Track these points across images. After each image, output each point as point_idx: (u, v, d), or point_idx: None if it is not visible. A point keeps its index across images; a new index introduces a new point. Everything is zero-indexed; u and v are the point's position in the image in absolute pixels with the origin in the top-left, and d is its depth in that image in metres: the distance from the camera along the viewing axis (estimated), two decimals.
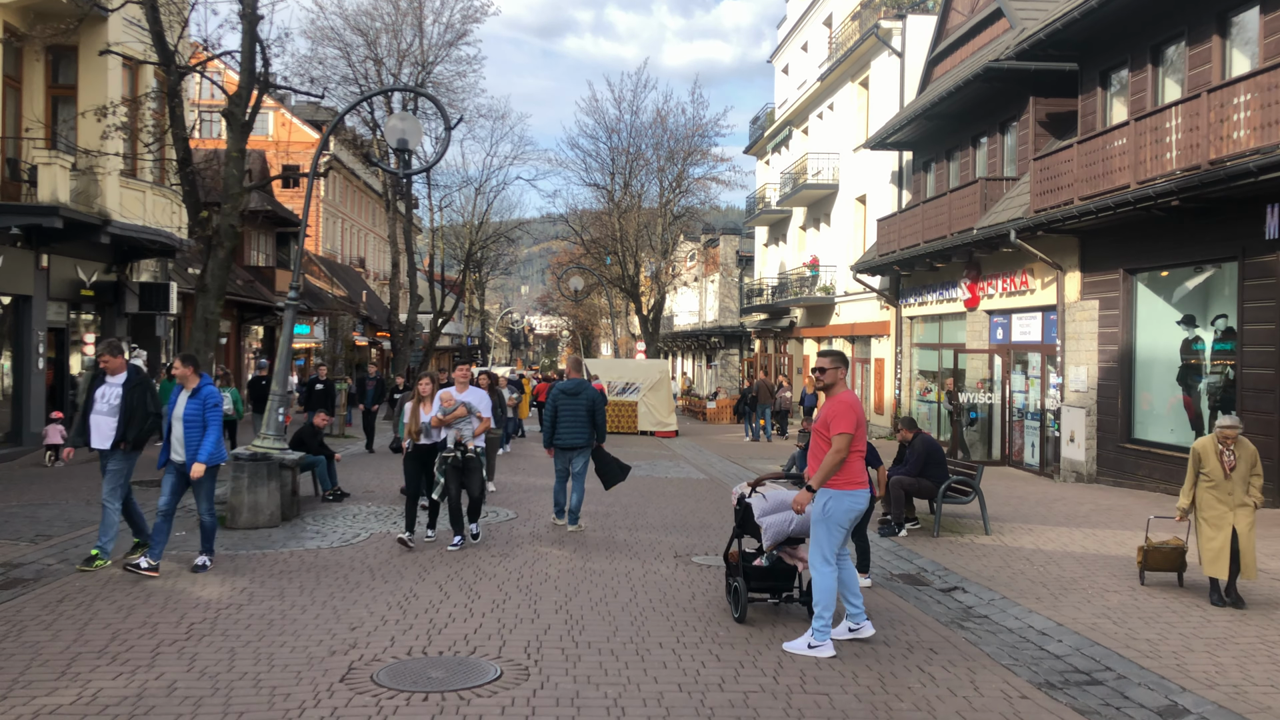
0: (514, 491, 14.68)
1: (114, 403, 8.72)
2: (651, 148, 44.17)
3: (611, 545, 10.44)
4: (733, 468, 19.42)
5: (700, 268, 52.15)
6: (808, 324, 34.04)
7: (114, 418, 8.68)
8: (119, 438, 8.66)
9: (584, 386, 11.70)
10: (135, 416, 8.68)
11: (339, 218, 61.08)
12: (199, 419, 8.67)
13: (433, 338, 38.43)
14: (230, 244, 15.06)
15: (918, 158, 25.01)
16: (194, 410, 8.66)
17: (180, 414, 8.69)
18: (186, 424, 8.64)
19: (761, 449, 24.17)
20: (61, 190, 16.96)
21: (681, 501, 14.16)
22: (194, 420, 8.65)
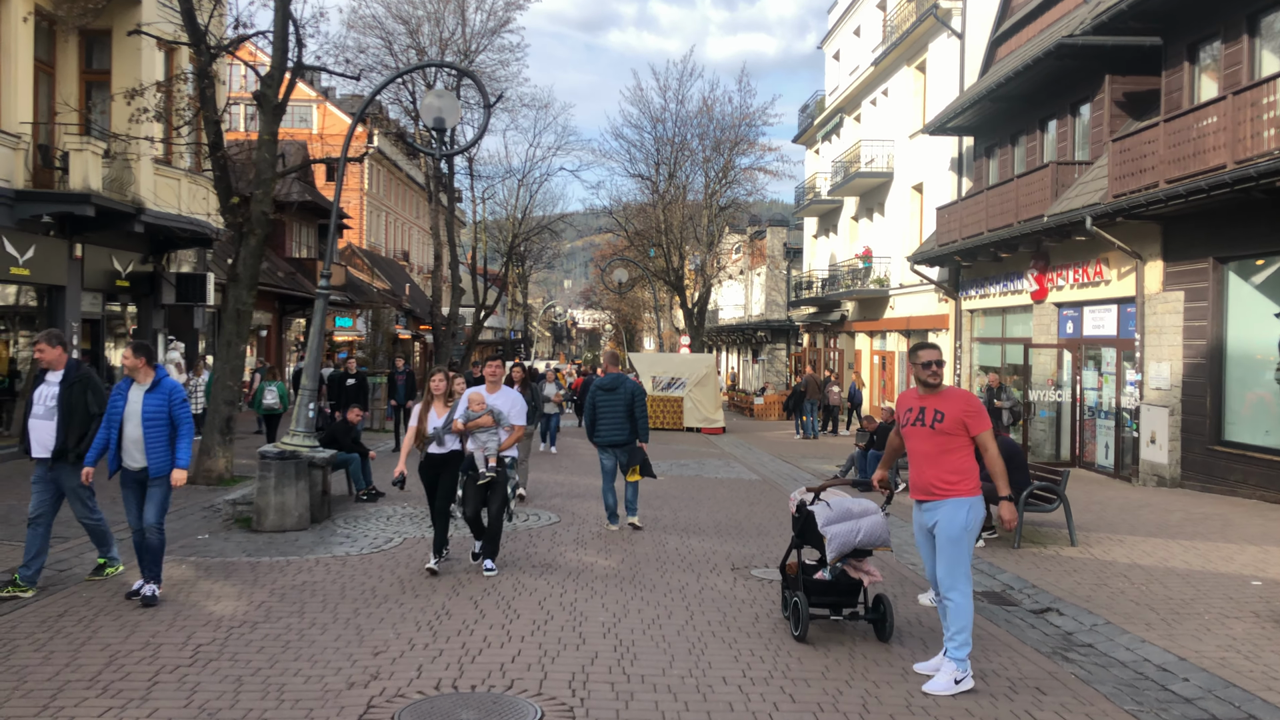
0: (555, 492, 13.90)
1: (50, 404, 7.54)
2: (697, 138, 43.22)
3: (662, 554, 9.61)
4: (785, 467, 18.50)
5: (746, 260, 51.09)
6: (860, 317, 32.93)
7: (51, 421, 7.50)
8: (59, 446, 7.50)
9: (622, 381, 11.07)
10: (75, 420, 7.50)
11: (383, 211, 60.89)
12: (163, 417, 7.36)
13: (475, 331, 37.84)
14: (262, 231, 14.43)
15: (979, 143, 23.84)
16: (156, 407, 7.35)
17: (135, 411, 7.34)
18: (146, 424, 7.31)
19: (814, 447, 23.20)
20: (93, 177, 16.47)
21: (734, 505, 13.29)
22: (156, 419, 7.34)
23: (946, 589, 5.95)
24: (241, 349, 14.57)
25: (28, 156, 16.20)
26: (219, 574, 8.30)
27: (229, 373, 14.33)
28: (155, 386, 7.42)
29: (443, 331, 33.93)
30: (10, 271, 15.94)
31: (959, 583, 5.93)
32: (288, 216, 32.85)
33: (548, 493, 13.78)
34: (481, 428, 8.50)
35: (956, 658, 5.87)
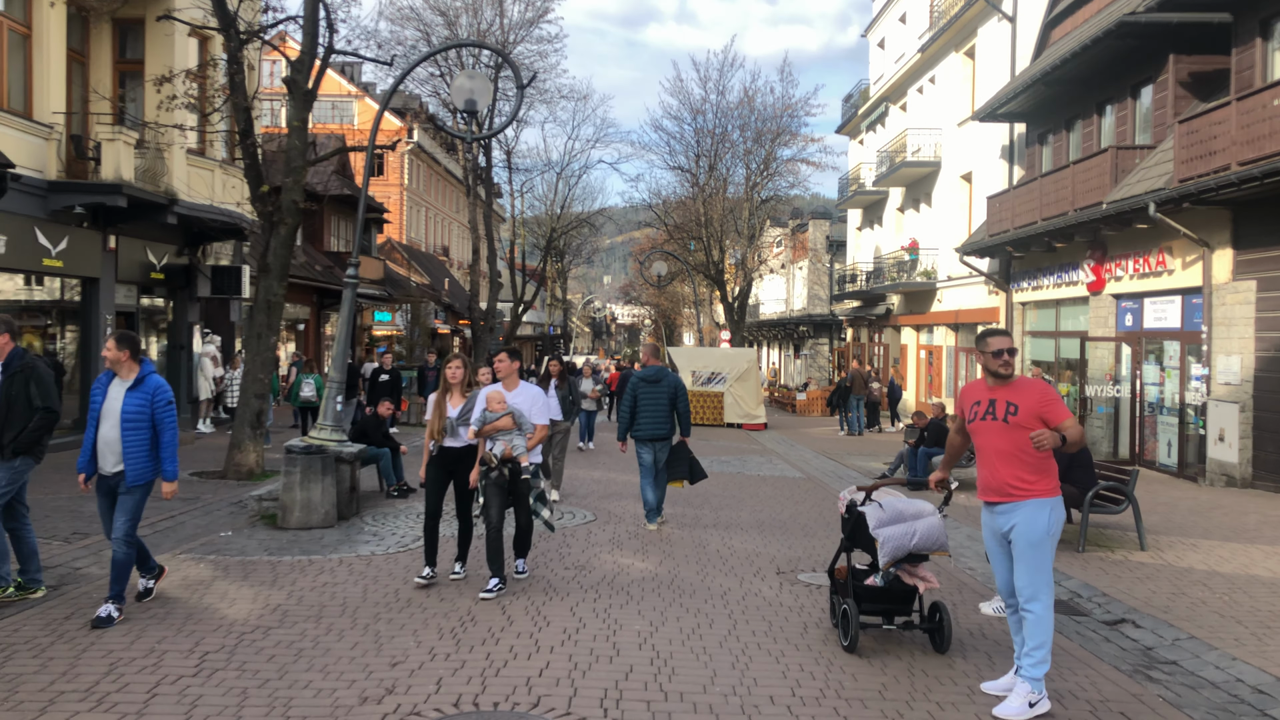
0: (591, 490, 13.42)
1: None
2: (738, 129, 42.54)
3: (703, 556, 9.08)
4: (829, 465, 17.87)
5: (788, 253, 50.32)
6: (906, 311, 32.11)
7: None
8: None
9: (665, 373, 10.64)
10: (14, 413, 6.75)
11: (422, 206, 60.95)
12: (145, 418, 6.51)
13: (513, 325, 37.53)
14: (293, 221, 14.09)
15: (1032, 129, 22.98)
16: (137, 407, 6.50)
17: (114, 410, 6.52)
18: (125, 424, 6.48)
19: (859, 444, 22.53)
20: (125, 167, 16.26)
21: (778, 504, 12.72)
22: (136, 421, 6.49)
23: (1026, 600, 5.37)
24: (272, 341, 14.25)
25: (60, 147, 16.03)
26: (237, 574, 7.91)
27: (259, 365, 14.02)
28: (138, 384, 6.57)
29: (481, 326, 33.65)
30: (43, 263, 15.78)
31: (1040, 593, 5.34)
32: (326, 210, 32.73)
33: (583, 490, 13.31)
34: (501, 431, 7.48)
35: (1032, 677, 5.29)
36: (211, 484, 12.91)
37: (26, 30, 15.45)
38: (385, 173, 57.29)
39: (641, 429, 10.44)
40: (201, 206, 18.49)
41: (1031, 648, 5.32)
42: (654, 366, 10.84)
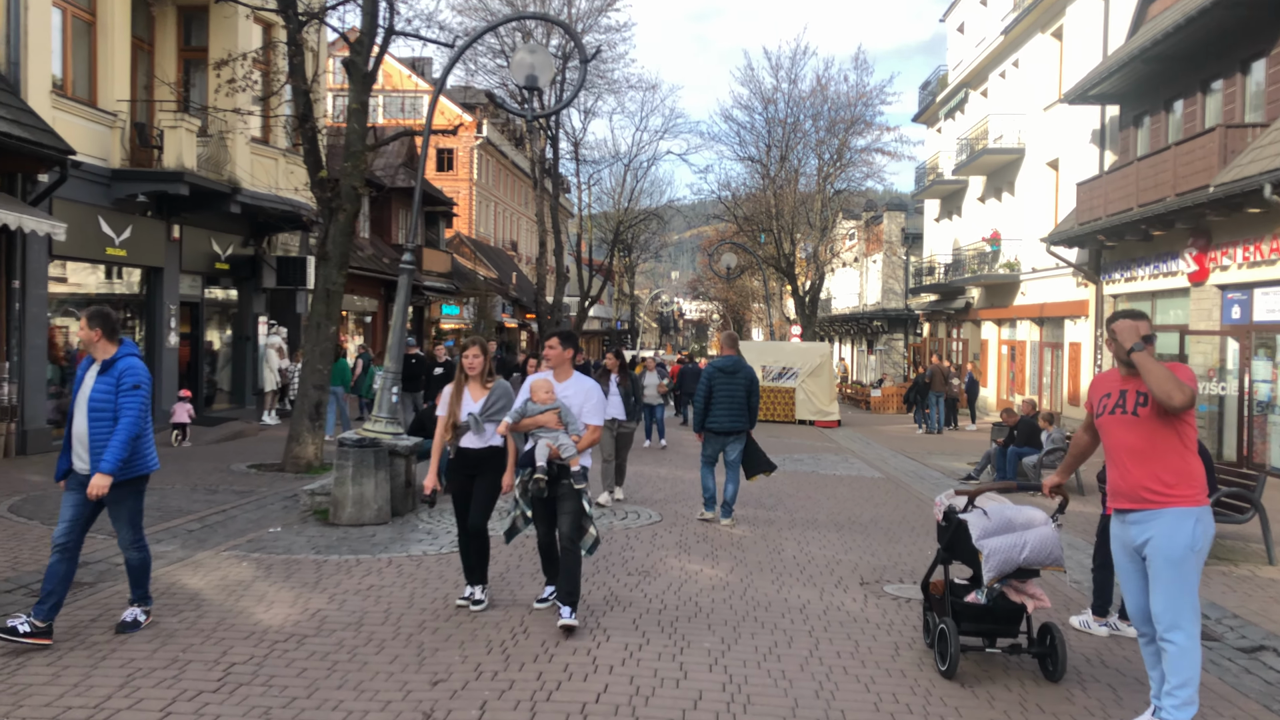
0: (658, 488, 12.76)
1: None
2: (810, 119, 41.49)
3: (778, 562, 8.36)
4: (909, 464, 16.95)
5: (861, 246, 49.06)
6: (986, 305, 30.84)
7: None
8: None
9: (741, 365, 10.19)
10: None
11: (491, 201, 60.99)
12: (109, 406, 5.61)
13: (579, 319, 37.10)
14: (352, 208, 13.68)
15: (1127, 111, 21.68)
16: (104, 392, 5.63)
17: (85, 398, 5.68)
18: (92, 414, 5.61)
19: (939, 443, 21.50)
20: (188, 155, 16.07)
21: (857, 505, 11.91)
22: (103, 409, 5.61)
23: (1166, 628, 4.56)
24: (331, 331, 13.87)
25: (124, 135, 15.89)
26: (279, 574, 7.42)
27: (318, 356, 13.65)
28: (108, 367, 5.69)
29: (547, 320, 33.26)
30: (106, 252, 15.67)
31: (1183, 619, 4.53)
32: (394, 202, 32.62)
33: (649, 488, 12.65)
34: (543, 428, 6.21)
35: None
36: (269, 477, 12.56)
37: (91, 18, 15.32)
38: (455, 167, 57.42)
39: (716, 420, 10.02)
40: (264, 195, 18.28)
41: (1174, 686, 4.51)
42: (730, 357, 10.28)
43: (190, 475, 12.75)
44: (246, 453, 15.31)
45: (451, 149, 57.44)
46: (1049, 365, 26.19)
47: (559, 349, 6.64)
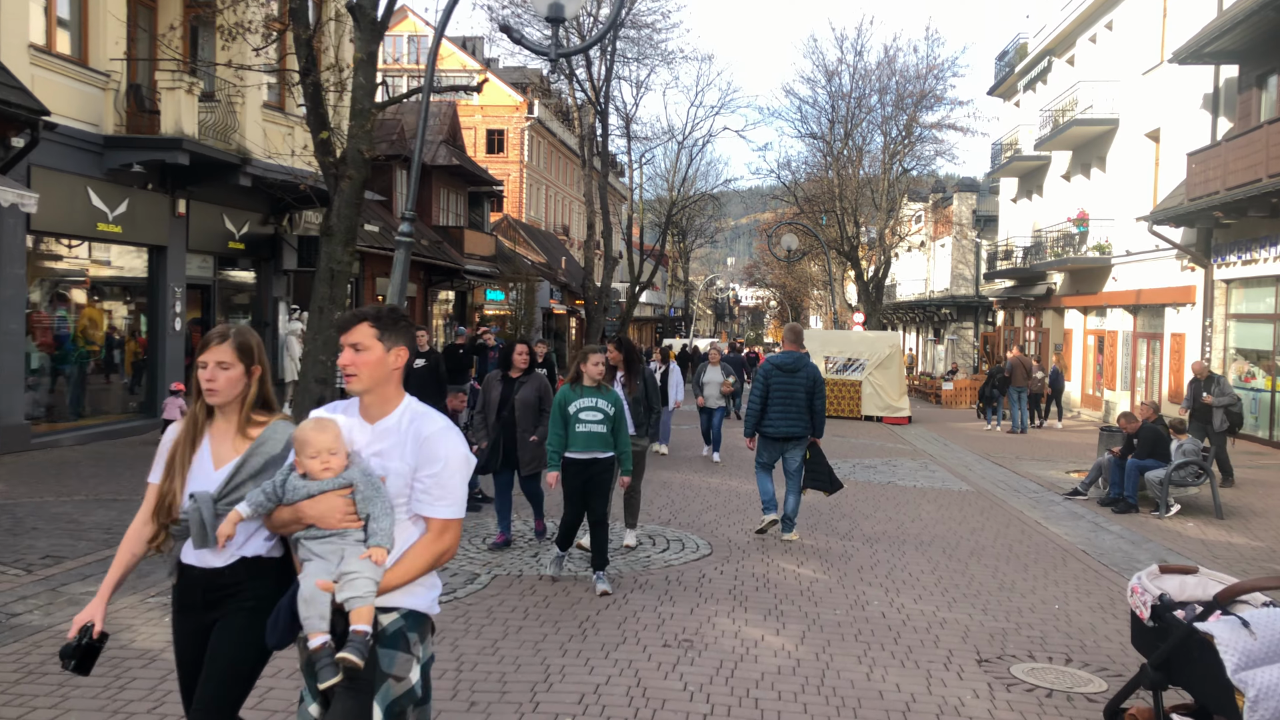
0: (708, 504, 10.81)
1: None
2: (876, 94, 39.03)
3: (863, 625, 6.37)
4: (999, 472, 14.78)
5: (929, 228, 46.42)
6: (1071, 291, 28.28)
7: None
8: None
9: (803, 362, 9.00)
10: None
11: (542, 184, 59.41)
12: None
13: (630, 305, 35.21)
14: (360, 175, 11.88)
15: (1247, 71, 19.10)
16: None
17: None
18: None
19: (1024, 444, 19.21)
20: (188, 120, 14.45)
21: (948, 528, 9.85)
22: None
23: None
24: (335, 316, 12.13)
25: (119, 98, 14.32)
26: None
27: (321, 345, 11.93)
28: None
29: (594, 305, 31.45)
30: (98, 228, 14.12)
31: None
32: (435, 182, 31.00)
33: (698, 503, 10.72)
34: (314, 531, 2.90)
35: None
36: None
37: None
38: (504, 149, 55.89)
39: (772, 424, 8.88)
40: (278, 168, 16.59)
41: None
42: (791, 353, 9.05)
43: None
44: None
45: (502, 130, 55.97)
46: (1143, 357, 23.68)
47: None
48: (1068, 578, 7.91)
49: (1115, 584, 7.75)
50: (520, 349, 8.13)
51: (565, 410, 6.93)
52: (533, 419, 7.97)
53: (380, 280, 26.47)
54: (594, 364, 6.92)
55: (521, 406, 8.01)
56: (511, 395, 8.04)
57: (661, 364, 14.33)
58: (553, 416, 7.04)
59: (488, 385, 8.23)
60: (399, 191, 28.45)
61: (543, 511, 8.57)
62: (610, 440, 6.94)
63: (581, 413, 6.88)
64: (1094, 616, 6.75)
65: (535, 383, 8.13)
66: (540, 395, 8.08)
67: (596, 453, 6.93)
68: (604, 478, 6.98)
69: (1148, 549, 9.22)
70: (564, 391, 7.03)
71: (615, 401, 7.00)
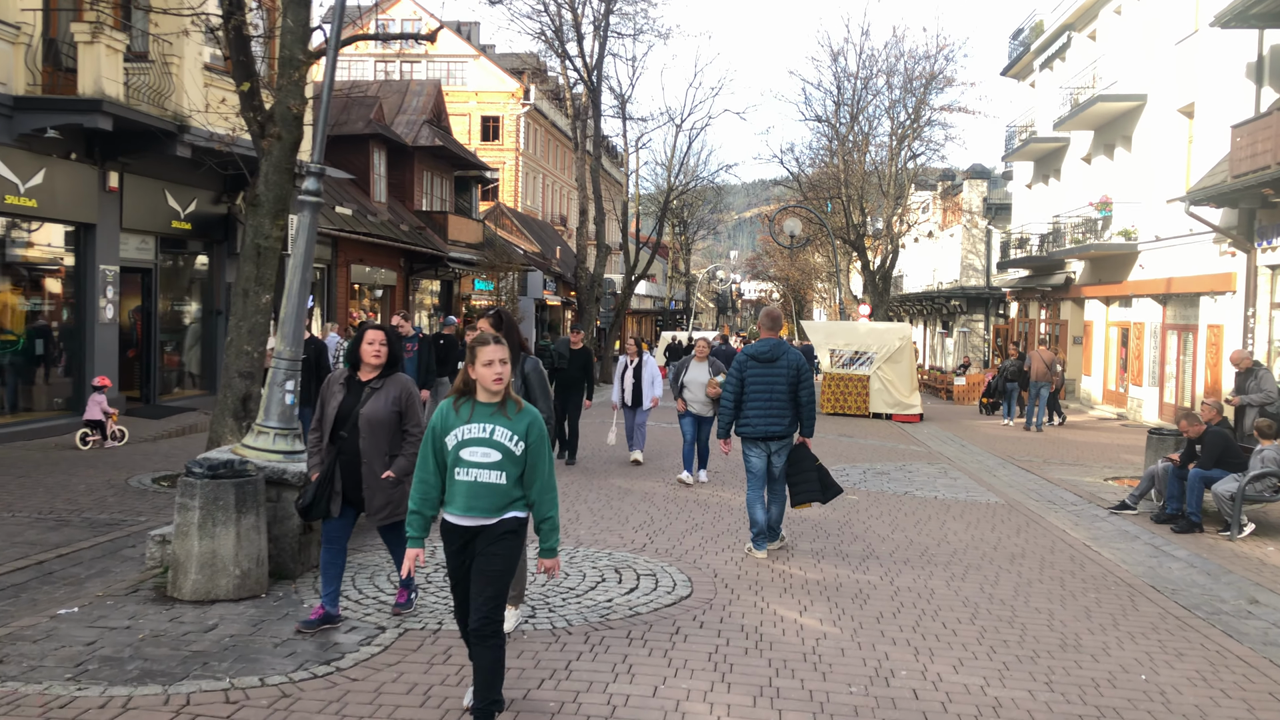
0: (693, 520, 9.13)
1: None
2: (884, 75, 37.27)
3: (889, 709, 4.69)
4: (1028, 479, 13.07)
5: (937, 216, 44.65)
6: (1092, 280, 26.54)
7: None
8: None
9: (783, 350, 7.82)
10: None
11: (539, 172, 57.73)
12: None
13: (625, 295, 33.52)
14: (290, 136, 10.21)
15: None
16: None
17: None
18: None
19: (1046, 445, 17.49)
20: (110, 79, 12.75)
21: (983, 555, 8.16)
22: None
23: None
24: (264, 301, 10.46)
25: (30, 53, 12.63)
26: None
27: (246, 335, 10.28)
28: None
29: (585, 294, 29.77)
30: (6, 200, 12.44)
31: None
32: (417, 164, 29.28)
33: (683, 523, 9.04)
34: None
35: None
36: (168, 497, 9.25)
37: None
38: (499, 136, 54.23)
39: (750, 423, 7.75)
40: (224, 138, 14.89)
41: None
42: (768, 341, 7.86)
43: (66, 490, 9.51)
44: (178, 455, 12.07)
45: (497, 117, 54.33)
46: (1173, 350, 21.95)
47: None
48: (1144, 627, 6.24)
49: (1208, 637, 6.07)
50: (372, 338, 5.46)
51: (439, 443, 4.15)
52: (384, 443, 5.45)
53: (355, 268, 24.79)
54: (488, 363, 4.06)
55: (370, 425, 5.42)
56: (356, 408, 5.45)
57: (634, 357, 12.44)
58: (421, 453, 4.23)
59: (324, 393, 5.58)
60: (376, 173, 26.75)
61: (411, 580, 5.97)
62: (510, 495, 4.13)
63: (464, 449, 4.10)
64: (1199, 694, 5.08)
65: (394, 390, 5.49)
66: (402, 408, 5.48)
67: (482, 518, 4.12)
68: (498, 558, 4.12)
69: (1228, 583, 7.54)
70: (441, 412, 4.22)
71: (527, 429, 4.13)
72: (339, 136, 26.06)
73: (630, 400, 12.30)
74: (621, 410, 12.57)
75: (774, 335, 7.91)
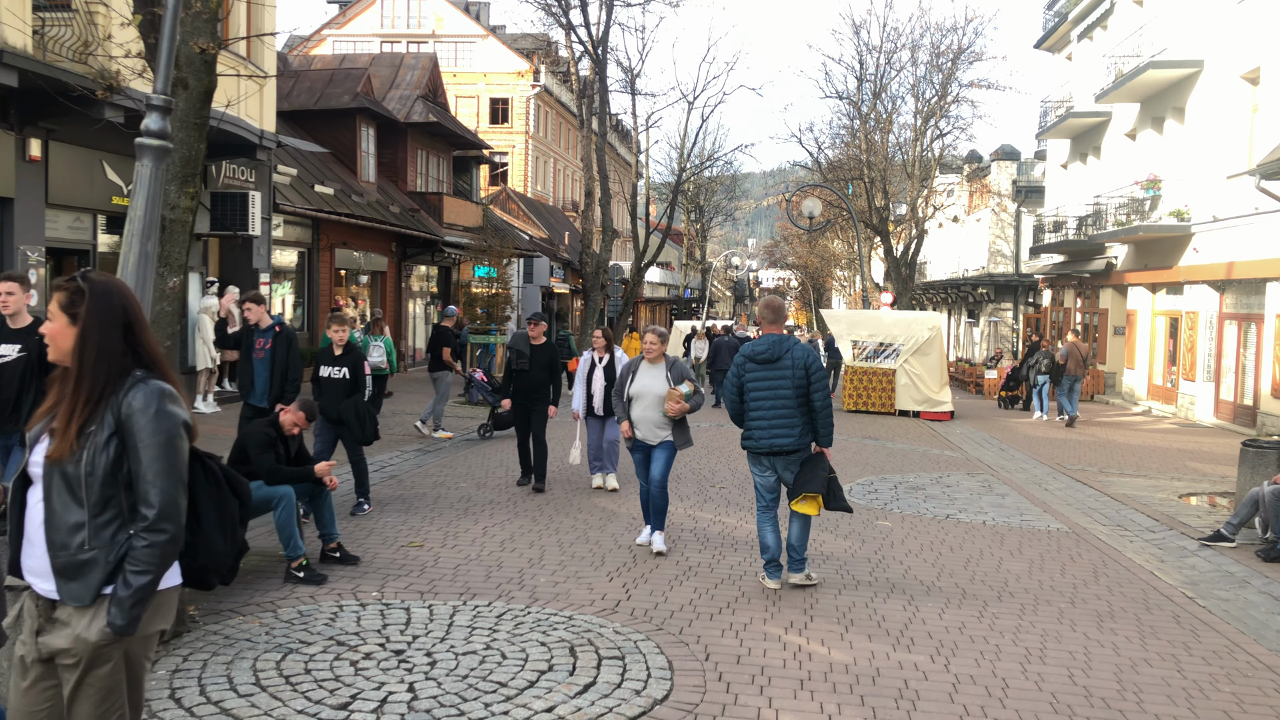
0: (683, 570, 7.29)
1: None
2: (909, 49, 35.22)
3: None
4: (1083, 493, 11.13)
5: (963, 199, 42.52)
6: (1137, 265, 24.47)
7: None
8: None
9: (786, 347, 6.52)
10: None
11: (550, 157, 55.94)
12: None
13: (633, 283, 31.62)
14: (199, 84, 8.37)
15: None
16: None
17: None
18: None
19: (1101, 449, 15.52)
20: (13, 26, 10.99)
21: (1060, 612, 6.29)
22: None
23: None
24: (172, 285, 8.67)
25: None
26: None
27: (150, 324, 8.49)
28: None
29: (590, 280, 27.91)
30: None
31: None
32: (410, 141, 27.47)
33: (673, 567, 7.20)
34: None
35: None
36: None
37: None
38: (509, 119, 52.44)
39: (753, 435, 6.59)
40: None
41: None
42: (769, 336, 6.60)
43: None
44: None
45: (506, 99, 52.54)
46: (1234, 343, 19.90)
47: None
48: None
49: None
50: None
51: None
52: None
53: (340, 252, 23.02)
54: None
55: None
56: None
57: (602, 353, 9.65)
58: None
59: None
60: (363, 150, 24.95)
61: None
62: None
63: None
64: None
65: None
66: None
67: None
68: None
69: None
70: None
71: None
72: (323, 111, 24.29)
73: (600, 408, 9.64)
74: (585, 422, 9.86)
75: (776, 329, 6.63)
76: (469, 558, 7.04)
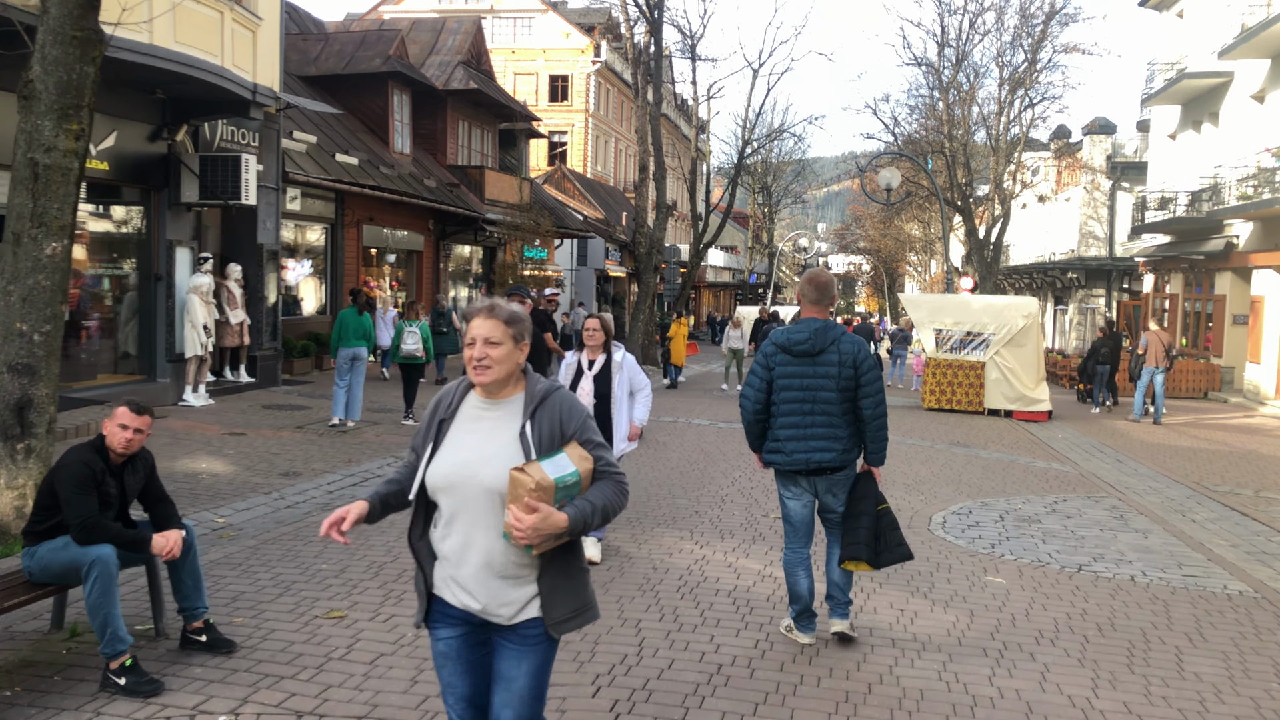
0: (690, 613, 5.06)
1: None
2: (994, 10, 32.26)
3: None
4: (1246, 526, 8.61)
5: (1051, 177, 39.29)
6: (1265, 245, 21.43)
7: None
8: None
9: (830, 338, 4.86)
10: None
11: (610, 136, 53.91)
12: None
13: (692, 265, 29.32)
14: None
15: None
16: None
17: None
18: None
19: (1240, 462, 12.84)
20: None
21: None
22: None
23: None
24: (49, 252, 6.69)
25: None
26: None
27: (17, 306, 6.57)
28: None
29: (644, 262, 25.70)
30: None
31: None
32: (450, 111, 25.48)
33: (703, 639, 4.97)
34: None
35: None
36: None
37: None
38: (569, 97, 50.50)
39: (782, 448, 4.94)
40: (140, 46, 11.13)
41: None
42: (810, 321, 4.93)
43: None
44: None
45: (566, 75, 50.54)
46: None
47: None
48: None
49: None
50: None
51: None
52: None
53: (368, 229, 21.12)
54: None
55: None
56: None
57: (594, 354, 6.64)
58: None
59: None
60: (396, 118, 23.01)
61: None
62: None
63: None
64: None
65: None
66: None
67: None
68: None
69: None
70: None
71: None
72: (352, 76, 22.38)
73: None
74: None
75: (819, 313, 5.00)
76: (398, 643, 4.89)
